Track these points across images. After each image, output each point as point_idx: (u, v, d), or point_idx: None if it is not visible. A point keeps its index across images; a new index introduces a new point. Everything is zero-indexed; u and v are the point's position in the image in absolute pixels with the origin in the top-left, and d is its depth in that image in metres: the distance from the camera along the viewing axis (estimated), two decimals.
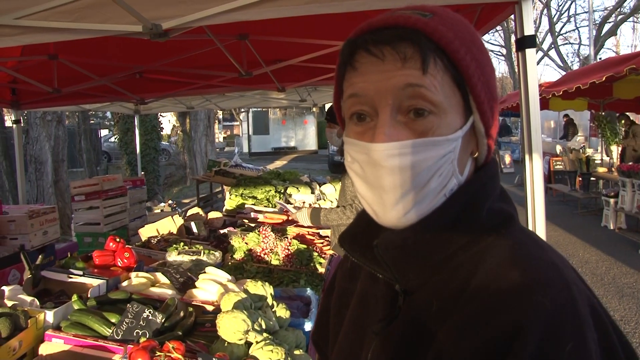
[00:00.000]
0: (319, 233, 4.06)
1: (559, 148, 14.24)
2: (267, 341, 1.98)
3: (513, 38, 22.30)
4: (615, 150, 11.03)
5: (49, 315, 2.20)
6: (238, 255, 3.43)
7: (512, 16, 2.39)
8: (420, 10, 0.72)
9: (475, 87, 0.72)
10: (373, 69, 0.71)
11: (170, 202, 9.43)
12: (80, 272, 2.73)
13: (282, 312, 2.31)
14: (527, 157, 2.23)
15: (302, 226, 4.09)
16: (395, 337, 0.74)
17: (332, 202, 5.55)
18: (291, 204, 5.42)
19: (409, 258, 0.74)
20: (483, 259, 0.69)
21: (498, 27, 27.32)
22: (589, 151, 11.97)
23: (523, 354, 0.59)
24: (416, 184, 0.70)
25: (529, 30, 2.25)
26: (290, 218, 4.46)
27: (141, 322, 2.12)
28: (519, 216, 0.79)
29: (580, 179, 11.03)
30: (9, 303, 2.27)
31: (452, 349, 0.65)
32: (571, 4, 35.25)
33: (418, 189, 0.71)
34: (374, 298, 0.83)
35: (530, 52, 2.25)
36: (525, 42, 2.24)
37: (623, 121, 10.84)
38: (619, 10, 23.88)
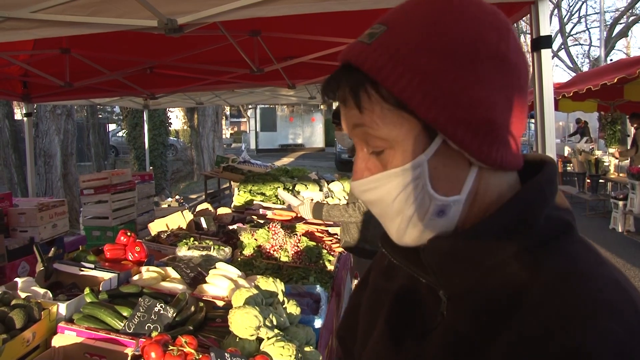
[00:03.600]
0: (327, 230, 4.06)
1: (567, 149, 14.18)
2: (278, 337, 1.98)
3: (522, 38, 22.18)
4: (613, 152, 10.96)
5: (62, 308, 2.21)
6: (247, 252, 3.44)
7: (526, 17, 2.38)
8: (374, 28, 0.69)
9: (420, 107, 0.65)
10: (343, 112, 0.73)
11: (177, 197, 9.47)
12: (92, 266, 2.74)
13: (292, 308, 2.31)
14: None
15: (312, 223, 4.09)
16: (438, 343, 0.71)
17: (340, 199, 5.55)
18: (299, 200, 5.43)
19: (457, 264, 0.70)
20: (538, 270, 0.64)
21: None
22: (598, 153, 11.90)
23: None
24: (394, 213, 0.71)
25: (545, 30, 2.24)
26: (295, 212, 4.46)
27: (153, 317, 2.12)
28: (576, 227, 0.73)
29: (589, 180, 10.98)
30: (23, 295, 2.28)
31: None
32: (582, 4, 34.95)
33: (397, 217, 0.71)
34: (412, 303, 0.81)
35: (545, 53, 2.24)
36: (541, 43, 2.23)
37: (635, 125, 10.75)
38: (630, 11, 23.71)
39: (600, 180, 10.85)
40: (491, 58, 0.65)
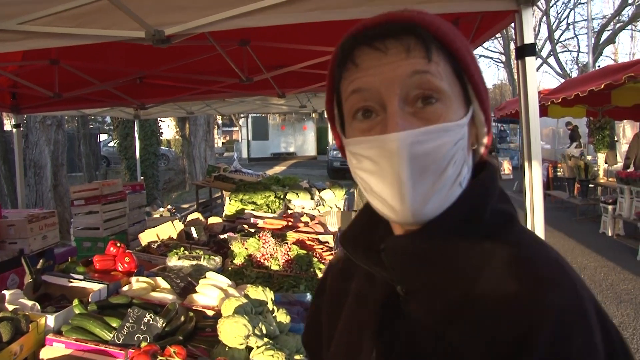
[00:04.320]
0: (318, 239, 4.06)
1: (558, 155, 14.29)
2: (268, 346, 1.98)
3: (512, 45, 22.38)
4: (602, 157, 11.06)
5: (50, 320, 2.20)
6: (238, 261, 3.43)
7: (512, 24, 2.41)
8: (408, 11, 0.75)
9: (474, 76, 0.74)
10: (376, 63, 0.71)
11: (169, 207, 9.44)
12: (81, 277, 2.73)
13: (282, 317, 2.32)
14: (526, 164, 2.24)
15: (302, 232, 4.10)
16: (400, 337, 0.75)
17: (331, 207, 5.56)
18: (290, 209, 5.44)
19: (417, 262, 0.73)
20: (489, 259, 0.70)
21: (497, 35, 27.43)
22: (588, 158, 12.01)
23: (535, 353, 0.61)
24: (434, 171, 0.69)
25: (529, 38, 2.26)
26: (289, 224, 4.47)
27: (142, 327, 2.12)
28: (518, 217, 0.80)
29: (579, 185, 11.07)
30: (10, 307, 2.27)
31: (464, 348, 0.66)
32: (570, 11, 35.21)
33: (436, 176, 0.70)
34: (370, 298, 0.83)
35: (530, 60, 2.27)
36: (526, 50, 2.26)
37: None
38: (617, 18, 24.00)
39: (590, 185, 10.93)
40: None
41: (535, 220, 2.20)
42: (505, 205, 0.77)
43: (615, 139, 12.93)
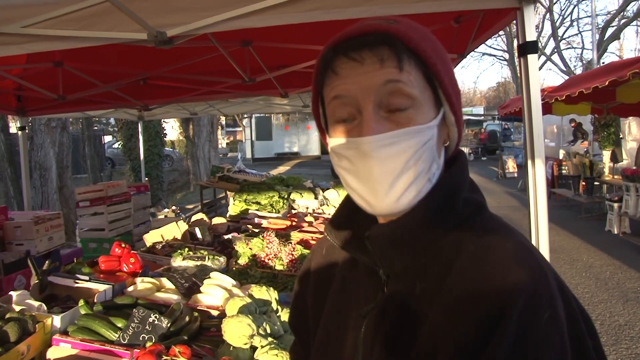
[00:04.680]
0: None
1: (562, 152, 14.23)
2: (272, 345, 1.99)
3: (515, 43, 22.30)
4: (607, 154, 11.00)
5: (57, 320, 2.22)
6: (242, 261, 3.45)
7: (514, 21, 2.41)
8: (385, 19, 0.80)
9: (443, 82, 0.81)
10: (353, 72, 0.78)
11: (174, 207, 9.47)
12: (87, 278, 2.75)
13: (286, 316, 2.32)
14: (529, 162, 2.24)
15: (306, 231, 4.10)
16: (383, 318, 0.81)
17: (335, 207, 5.55)
18: (294, 209, 5.44)
19: (397, 248, 0.82)
20: (462, 243, 0.78)
21: (500, 32, 27.35)
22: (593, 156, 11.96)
23: (509, 327, 0.67)
24: (404, 170, 0.78)
25: (530, 36, 2.26)
26: (294, 223, 4.48)
27: (147, 327, 2.13)
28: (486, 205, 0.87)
29: (584, 183, 11.02)
30: (17, 308, 2.29)
31: (445, 327, 0.72)
32: (574, 8, 35.08)
33: (406, 175, 0.78)
34: (354, 282, 0.91)
35: (532, 58, 2.27)
36: (527, 48, 2.25)
37: None
38: (622, 14, 23.87)
39: (595, 183, 10.88)
40: (451, 66, 0.85)
41: (539, 219, 2.19)
42: (475, 194, 0.86)
43: (621, 136, 12.86)
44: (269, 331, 2.11)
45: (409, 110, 0.78)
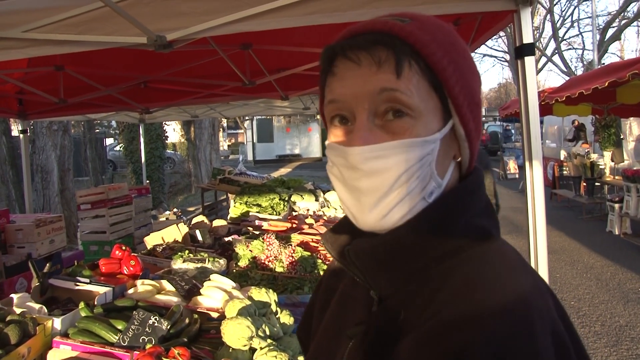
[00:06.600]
0: None
1: (563, 153, 14.22)
2: (271, 347, 2.00)
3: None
4: (608, 155, 11.00)
5: (57, 323, 2.23)
6: (242, 263, 3.46)
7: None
8: (399, 17, 0.74)
9: (453, 90, 0.73)
10: (350, 74, 0.72)
11: (175, 210, 9.48)
12: (87, 280, 2.76)
13: (286, 318, 2.33)
14: (527, 164, 2.25)
15: (306, 233, 4.11)
16: (367, 341, 0.75)
17: (336, 209, 5.57)
18: (295, 211, 5.45)
19: (380, 266, 0.74)
20: (452, 275, 0.69)
21: (501, 33, 27.35)
22: (594, 156, 11.95)
23: None
24: (393, 186, 0.70)
25: (527, 38, 2.27)
26: (294, 225, 4.49)
27: (147, 329, 2.14)
28: (500, 232, 0.78)
29: (585, 184, 11.01)
30: (18, 310, 2.30)
31: (417, 356, 0.65)
32: (574, 9, 35.03)
33: (395, 191, 0.71)
34: (352, 300, 0.85)
35: (529, 60, 2.28)
36: (524, 50, 2.26)
37: None
38: (622, 14, 23.87)
39: (596, 184, 10.88)
40: (475, 72, 0.78)
41: (537, 220, 2.20)
42: (486, 220, 0.77)
43: (622, 137, 12.85)
44: (268, 333, 2.13)
45: (406, 120, 0.70)
